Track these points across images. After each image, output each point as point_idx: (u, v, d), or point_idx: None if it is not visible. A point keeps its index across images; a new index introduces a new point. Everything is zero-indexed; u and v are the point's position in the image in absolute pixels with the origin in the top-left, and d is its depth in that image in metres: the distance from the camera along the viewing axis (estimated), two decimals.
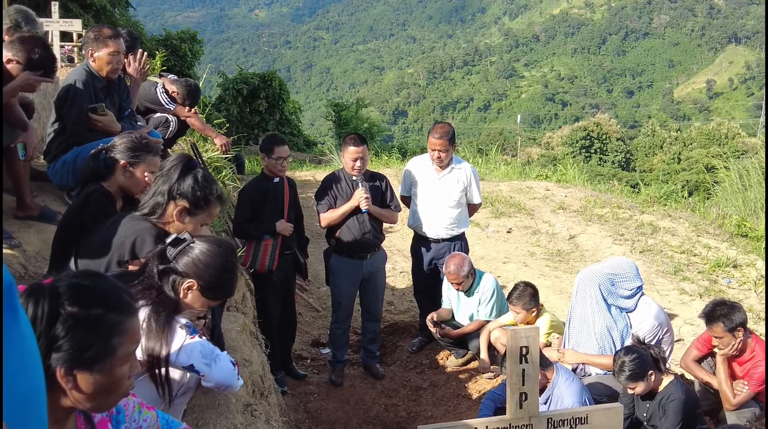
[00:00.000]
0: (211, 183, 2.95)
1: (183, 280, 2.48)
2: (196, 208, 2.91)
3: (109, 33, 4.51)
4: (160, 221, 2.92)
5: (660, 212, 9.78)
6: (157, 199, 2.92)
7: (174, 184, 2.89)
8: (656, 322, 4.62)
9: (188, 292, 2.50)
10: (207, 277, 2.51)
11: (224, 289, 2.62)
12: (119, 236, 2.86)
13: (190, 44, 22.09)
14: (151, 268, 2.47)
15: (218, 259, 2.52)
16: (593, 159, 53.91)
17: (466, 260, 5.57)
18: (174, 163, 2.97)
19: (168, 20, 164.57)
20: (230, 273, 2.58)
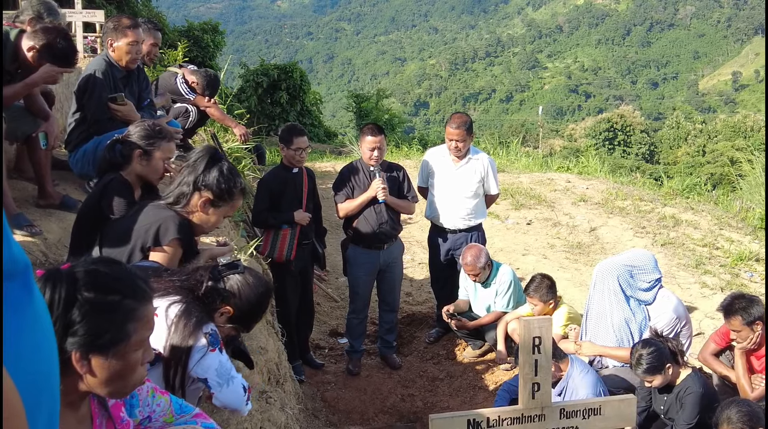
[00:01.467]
0: (235, 176, 3.00)
1: (223, 305, 2.54)
2: (220, 199, 2.96)
3: (128, 23, 4.54)
4: (184, 211, 2.95)
5: (682, 205, 9.68)
6: (182, 188, 2.96)
7: (200, 175, 2.93)
8: (674, 315, 4.58)
9: (221, 316, 2.56)
10: (243, 309, 2.60)
11: (251, 322, 2.73)
12: (143, 223, 2.91)
13: (212, 35, 22.18)
14: (199, 279, 2.50)
15: (259, 296, 2.62)
16: (617, 151, 53.40)
17: (482, 251, 5.56)
18: (200, 154, 3.01)
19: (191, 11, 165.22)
20: (262, 311, 2.71)
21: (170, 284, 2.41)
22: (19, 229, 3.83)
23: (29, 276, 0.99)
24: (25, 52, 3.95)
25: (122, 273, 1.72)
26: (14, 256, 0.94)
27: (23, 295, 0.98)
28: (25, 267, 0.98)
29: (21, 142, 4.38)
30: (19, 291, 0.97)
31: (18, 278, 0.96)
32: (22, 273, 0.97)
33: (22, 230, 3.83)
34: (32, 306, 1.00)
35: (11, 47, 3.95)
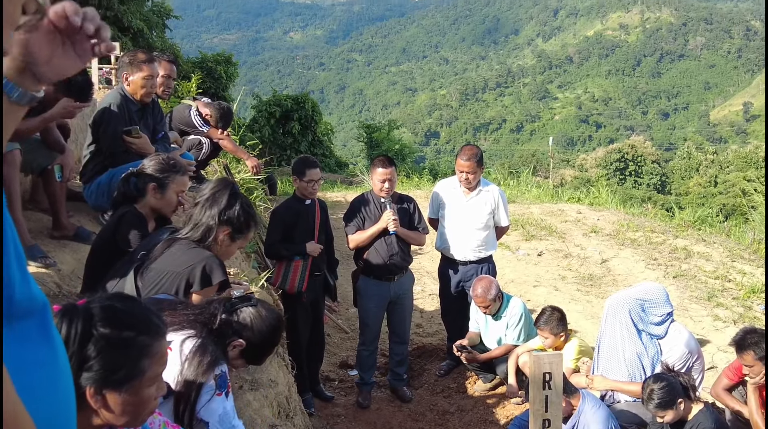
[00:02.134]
0: (251, 209, 3.05)
1: (235, 338, 2.55)
2: (239, 232, 3.00)
3: (143, 58, 4.62)
4: (211, 248, 2.98)
5: (694, 237, 9.64)
6: (208, 223, 2.98)
7: (223, 210, 2.96)
8: (686, 350, 4.54)
9: (234, 349, 2.57)
10: (256, 342, 2.59)
11: (262, 356, 2.72)
12: (184, 263, 2.91)
13: (225, 66, 22.45)
14: (213, 312, 2.52)
15: (271, 329, 2.61)
16: (628, 181, 53.30)
17: (493, 283, 5.54)
18: (218, 187, 3.04)
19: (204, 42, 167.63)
20: (274, 345, 2.71)
21: (184, 318, 2.42)
22: (34, 260, 3.86)
23: (47, 314, 1.02)
24: None
25: (137, 309, 1.75)
26: (33, 295, 0.97)
27: (40, 333, 1.00)
28: (43, 305, 1.00)
29: (36, 174, 4.44)
30: (36, 328, 0.99)
31: (36, 316, 0.99)
32: (40, 311, 0.99)
33: (36, 262, 3.87)
34: (49, 343, 1.02)
35: None
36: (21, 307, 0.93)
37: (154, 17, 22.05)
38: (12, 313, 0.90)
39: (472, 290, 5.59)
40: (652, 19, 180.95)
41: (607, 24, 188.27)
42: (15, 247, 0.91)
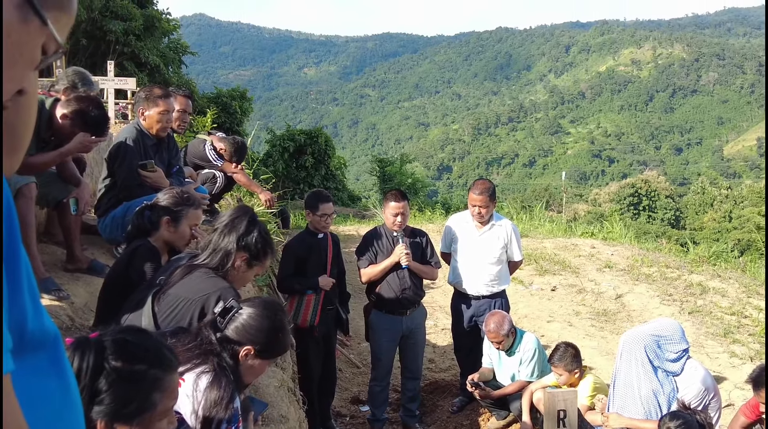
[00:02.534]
0: (269, 237, 3.04)
1: (240, 348, 2.51)
2: (256, 259, 2.98)
3: (159, 93, 4.69)
4: (228, 272, 2.96)
5: (709, 272, 9.55)
6: (227, 248, 2.96)
7: (242, 235, 2.95)
8: (703, 387, 4.47)
9: (246, 358, 2.53)
10: (261, 341, 2.53)
11: (279, 347, 2.66)
12: (200, 291, 2.89)
13: (240, 101, 22.76)
14: (207, 336, 2.49)
15: (267, 321, 2.54)
16: (642, 216, 53.08)
17: (506, 318, 5.50)
18: (238, 214, 3.05)
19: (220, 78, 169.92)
20: (281, 331, 2.61)
21: (188, 354, 2.40)
22: (47, 293, 3.88)
23: (59, 346, 1.02)
24: (59, 120, 4.08)
25: (149, 342, 1.75)
26: (45, 327, 0.97)
27: (53, 365, 1.00)
28: (55, 337, 1.01)
29: (52, 207, 4.48)
30: (48, 361, 0.99)
31: (48, 348, 0.99)
32: (52, 343, 1.00)
33: (49, 294, 3.88)
34: (61, 376, 1.02)
35: (46, 115, 4.09)
36: (33, 339, 0.93)
37: (171, 53, 22.46)
38: (24, 345, 0.91)
39: (484, 325, 5.54)
40: (665, 55, 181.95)
41: (620, 60, 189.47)
42: (28, 278, 0.92)
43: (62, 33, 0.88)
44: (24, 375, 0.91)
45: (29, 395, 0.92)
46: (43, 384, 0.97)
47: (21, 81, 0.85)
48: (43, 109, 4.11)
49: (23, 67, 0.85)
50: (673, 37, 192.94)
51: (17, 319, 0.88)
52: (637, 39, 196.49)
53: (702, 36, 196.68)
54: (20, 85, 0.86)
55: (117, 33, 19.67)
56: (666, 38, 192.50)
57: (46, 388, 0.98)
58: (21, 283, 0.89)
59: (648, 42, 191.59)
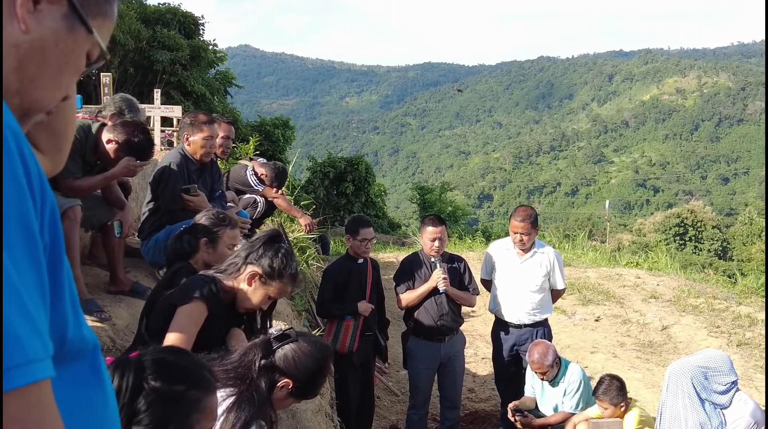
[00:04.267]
0: (290, 260, 2.97)
1: (281, 378, 2.48)
2: (270, 277, 2.93)
3: (204, 119, 4.76)
4: (230, 278, 2.96)
5: (758, 304, 9.26)
6: (235, 260, 2.99)
7: (254, 251, 2.95)
8: (753, 420, 4.30)
9: (282, 390, 2.50)
10: (303, 379, 2.51)
11: (314, 391, 2.63)
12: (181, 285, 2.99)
13: (282, 130, 23.07)
14: (251, 359, 2.47)
15: (316, 362, 2.52)
16: (688, 247, 51.95)
17: (550, 349, 5.37)
18: (262, 234, 3.07)
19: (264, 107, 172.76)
20: (323, 377, 2.60)
21: (224, 374, 2.39)
22: (90, 314, 3.92)
23: (98, 356, 1.02)
24: (105, 145, 4.17)
25: (189, 362, 1.75)
26: (84, 336, 0.97)
27: (92, 375, 1.00)
28: (95, 347, 1.01)
29: (96, 230, 4.56)
30: (88, 370, 0.99)
31: (88, 358, 0.99)
32: (91, 353, 1.00)
33: (92, 316, 3.92)
34: (101, 386, 1.02)
35: (92, 140, 4.18)
36: (73, 348, 0.93)
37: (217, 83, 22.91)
38: (64, 354, 0.91)
39: (528, 355, 5.43)
40: (710, 84, 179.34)
41: (663, 89, 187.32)
42: (70, 287, 0.92)
43: (105, 39, 0.90)
44: (64, 384, 0.90)
45: (70, 404, 0.91)
46: (84, 393, 0.97)
47: (67, 88, 0.87)
48: (89, 133, 4.20)
49: (70, 74, 0.87)
50: (719, 65, 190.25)
51: (58, 327, 0.88)
52: (682, 68, 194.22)
53: (748, 65, 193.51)
54: (66, 92, 0.87)
55: (164, 62, 20.17)
56: (711, 67, 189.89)
57: (87, 398, 0.98)
58: (63, 291, 0.90)
59: (693, 71, 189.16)
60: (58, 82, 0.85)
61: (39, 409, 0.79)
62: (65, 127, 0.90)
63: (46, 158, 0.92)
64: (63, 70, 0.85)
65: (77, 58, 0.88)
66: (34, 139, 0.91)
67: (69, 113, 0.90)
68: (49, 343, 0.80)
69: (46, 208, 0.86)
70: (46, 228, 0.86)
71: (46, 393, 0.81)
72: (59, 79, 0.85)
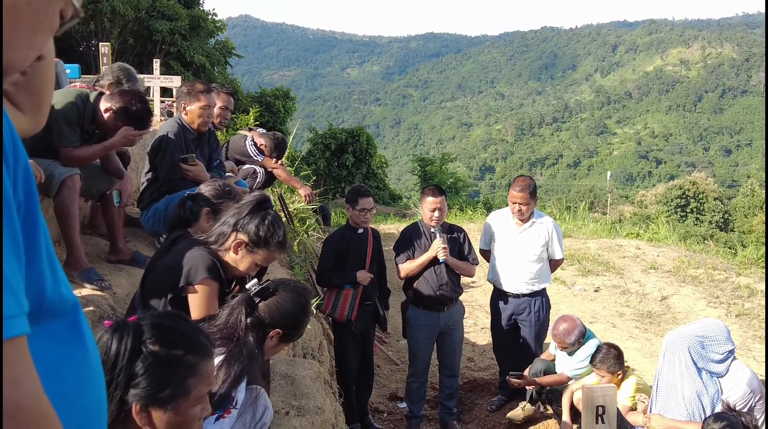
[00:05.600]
0: (277, 227, 2.96)
1: (269, 330, 2.55)
2: (255, 246, 2.94)
3: (201, 88, 4.74)
4: (220, 249, 2.98)
5: (758, 274, 9.28)
6: (223, 228, 2.99)
7: (242, 219, 2.95)
8: (749, 389, 4.34)
9: (272, 339, 2.58)
10: (290, 325, 2.61)
11: (301, 333, 2.73)
12: (176, 263, 2.95)
13: (283, 101, 22.95)
14: (237, 318, 2.51)
15: (301, 306, 2.62)
16: (689, 219, 51.93)
17: (577, 329, 5.29)
18: (249, 199, 3.06)
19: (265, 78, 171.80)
20: (308, 316, 2.70)
21: (214, 337, 2.42)
22: (90, 283, 3.95)
23: (78, 314, 1.03)
24: (102, 113, 4.16)
25: (186, 328, 1.77)
26: (62, 295, 0.98)
27: (72, 333, 1.01)
28: (74, 305, 1.01)
29: (96, 199, 4.57)
30: (68, 329, 1.00)
31: (67, 316, 1.00)
32: (71, 311, 1.00)
33: (92, 284, 3.95)
34: (82, 344, 1.03)
35: (90, 109, 4.17)
36: (52, 306, 0.94)
37: (217, 54, 22.74)
38: (43, 313, 0.91)
39: (552, 328, 5.40)
40: (714, 55, 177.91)
41: (667, 60, 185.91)
42: (47, 246, 0.93)
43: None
44: (44, 341, 0.91)
45: (49, 361, 0.92)
46: (63, 351, 0.98)
47: (41, 47, 0.87)
48: (87, 102, 4.19)
49: (44, 33, 0.86)
50: (723, 36, 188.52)
51: (35, 285, 0.89)
52: (686, 38, 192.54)
53: (753, 35, 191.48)
54: (40, 52, 0.87)
55: (163, 32, 20.02)
56: (715, 38, 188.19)
57: (67, 355, 0.99)
58: (39, 249, 0.90)
59: (697, 41, 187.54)
60: (31, 42, 0.84)
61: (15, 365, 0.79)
62: (43, 87, 0.90)
63: (26, 117, 0.92)
64: (36, 29, 0.85)
65: (51, 17, 0.87)
66: (14, 99, 0.91)
67: (46, 73, 0.89)
68: (24, 300, 0.81)
69: (19, 167, 0.86)
70: (20, 187, 0.86)
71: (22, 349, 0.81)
72: (33, 39, 0.84)
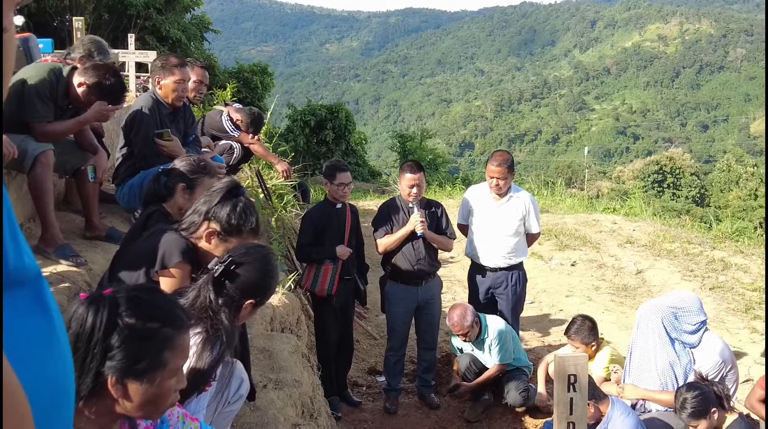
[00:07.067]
0: (249, 214, 2.95)
1: (242, 302, 2.56)
2: (228, 234, 2.93)
3: (175, 62, 4.69)
4: (192, 236, 2.97)
5: (732, 248, 9.43)
6: (194, 217, 2.97)
7: (213, 207, 2.94)
8: (720, 359, 4.43)
9: (245, 309, 2.60)
10: (260, 292, 2.62)
11: (270, 293, 2.74)
12: (150, 248, 2.94)
13: (261, 77, 22.71)
14: (205, 297, 2.51)
15: (266, 273, 2.61)
16: (666, 194, 52.42)
17: (468, 309, 5.41)
18: (220, 186, 3.05)
19: (242, 54, 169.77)
20: (275, 278, 2.70)
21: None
22: (65, 259, 3.93)
23: (42, 284, 1.02)
24: (76, 88, 4.10)
25: (161, 301, 1.77)
26: (25, 265, 0.98)
27: (35, 303, 1.01)
28: (36, 275, 1.01)
29: (70, 175, 4.52)
30: (31, 299, 1.00)
31: (30, 286, 0.99)
32: (33, 281, 1.00)
33: (67, 260, 3.93)
34: (45, 314, 1.02)
35: (63, 83, 4.11)
36: (15, 278, 0.94)
37: (193, 29, 22.41)
38: (7, 284, 0.91)
39: (448, 320, 5.48)
40: (692, 31, 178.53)
41: (646, 35, 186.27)
42: (9, 216, 0.92)
43: None
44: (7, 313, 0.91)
45: (13, 332, 0.92)
46: (26, 321, 0.98)
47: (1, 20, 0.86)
48: (60, 77, 4.14)
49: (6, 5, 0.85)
50: (701, 12, 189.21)
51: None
52: (664, 14, 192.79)
53: (730, 11, 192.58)
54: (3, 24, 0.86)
55: (138, 6, 19.66)
56: (693, 13, 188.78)
57: (31, 325, 0.99)
58: None
59: (675, 17, 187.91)
60: None
61: None
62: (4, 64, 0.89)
63: None
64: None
65: None
66: None
67: (8, 50, 0.88)
68: None
69: None
70: None
71: None
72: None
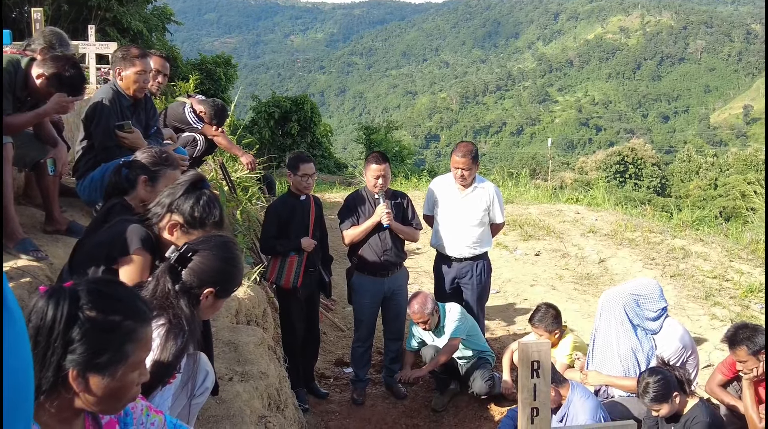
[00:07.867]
0: (212, 208, 2.94)
1: (201, 291, 2.52)
2: (191, 227, 2.92)
3: (136, 53, 4.62)
4: (155, 228, 2.95)
5: (692, 237, 9.62)
6: (157, 209, 2.95)
7: (176, 200, 2.92)
8: (681, 344, 4.54)
9: (207, 299, 2.55)
10: (221, 281, 2.56)
11: (235, 284, 2.68)
12: (109, 236, 2.92)
13: (224, 68, 22.49)
14: (164, 286, 2.48)
15: (223, 262, 2.55)
16: (628, 184, 53.23)
17: (428, 297, 5.47)
18: (184, 178, 3.02)
19: (205, 46, 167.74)
20: (238, 267, 2.64)
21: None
22: (26, 253, 3.86)
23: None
24: (35, 80, 4.02)
25: (123, 293, 1.75)
26: None
27: None
28: None
29: (29, 168, 4.44)
30: None
31: None
32: None
33: (28, 255, 3.86)
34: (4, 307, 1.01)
35: (22, 75, 4.03)
36: None
37: (155, 20, 22.08)
38: None
39: (408, 309, 5.53)
40: (653, 23, 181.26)
41: (608, 28, 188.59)
42: None
43: None
44: None
45: None
46: None
47: None
48: (18, 68, 4.05)
49: None
50: (662, 4, 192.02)
51: None
52: (626, 6, 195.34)
53: (690, 4, 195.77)
54: None
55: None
56: (654, 6, 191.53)
57: None
58: None
59: (636, 9, 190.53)
60: None
61: None
62: None
63: None
64: None
65: None
66: None
67: None
68: None
69: None
70: None
71: None
72: None
